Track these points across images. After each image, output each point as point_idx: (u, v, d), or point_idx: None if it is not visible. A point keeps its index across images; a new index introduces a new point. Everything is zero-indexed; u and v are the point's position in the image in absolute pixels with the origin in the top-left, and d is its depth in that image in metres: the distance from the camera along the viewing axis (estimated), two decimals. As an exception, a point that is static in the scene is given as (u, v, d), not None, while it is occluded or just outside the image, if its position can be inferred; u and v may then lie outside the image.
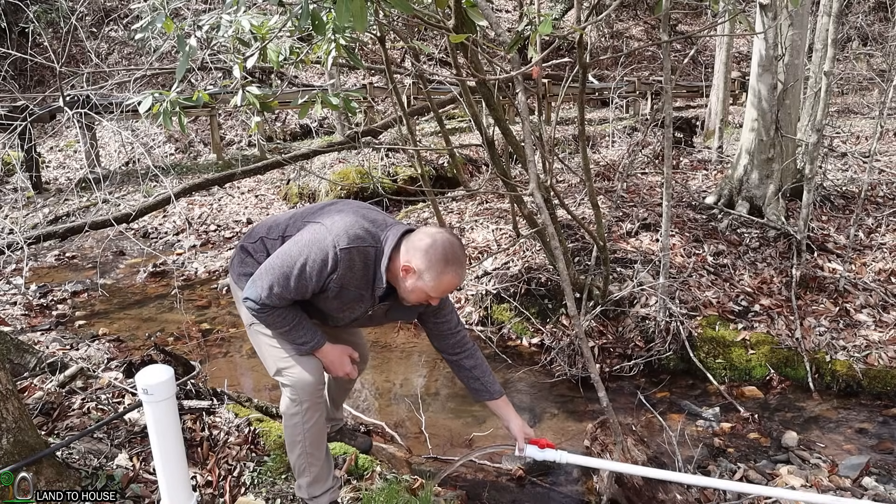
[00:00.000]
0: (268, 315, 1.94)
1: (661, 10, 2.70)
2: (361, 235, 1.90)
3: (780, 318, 4.21)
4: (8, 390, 1.97)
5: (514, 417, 2.22)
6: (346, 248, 1.86)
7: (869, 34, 13.84)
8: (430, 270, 1.86)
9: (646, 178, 7.23)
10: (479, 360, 2.22)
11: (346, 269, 1.88)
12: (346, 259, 1.86)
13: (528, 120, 2.34)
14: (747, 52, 12.91)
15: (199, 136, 11.57)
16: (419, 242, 1.88)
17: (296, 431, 2.12)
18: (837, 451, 3.20)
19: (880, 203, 6.04)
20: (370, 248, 1.91)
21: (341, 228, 1.89)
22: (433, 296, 1.92)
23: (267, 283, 1.89)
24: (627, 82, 12.50)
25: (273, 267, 1.90)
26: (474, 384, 2.23)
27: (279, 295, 1.90)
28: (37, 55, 10.80)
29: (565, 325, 4.36)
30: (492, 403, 2.24)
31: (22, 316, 4.79)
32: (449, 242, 1.89)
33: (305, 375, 2.07)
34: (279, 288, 1.89)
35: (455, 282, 1.90)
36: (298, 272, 1.88)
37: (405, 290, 1.94)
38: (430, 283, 1.88)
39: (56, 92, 6.62)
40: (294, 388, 2.07)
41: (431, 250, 1.86)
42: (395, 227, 1.96)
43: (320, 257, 1.86)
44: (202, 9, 11.70)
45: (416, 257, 1.88)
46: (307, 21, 2.15)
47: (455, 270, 1.88)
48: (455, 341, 2.18)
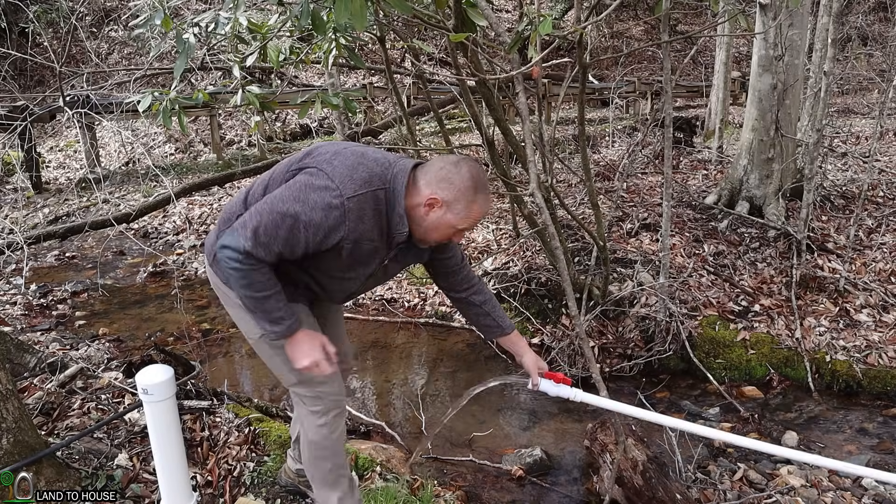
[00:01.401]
0: (248, 271, 1.59)
1: (661, 10, 2.70)
2: (368, 178, 1.62)
3: (780, 318, 4.21)
4: (8, 390, 1.97)
5: (528, 351, 2.07)
6: (355, 196, 1.58)
7: (869, 34, 13.83)
8: (459, 200, 1.65)
9: (646, 178, 7.23)
10: (488, 294, 2.05)
11: (357, 220, 1.60)
12: (356, 209, 1.59)
13: (528, 120, 2.34)
14: (747, 52, 12.92)
15: (199, 136, 11.57)
16: (442, 172, 1.66)
17: (324, 444, 1.92)
18: (837, 451, 3.20)
19: (880, 203, 6.04)
20: (379, 190, 1.64)
21: (345, 173, 1.61)
22: (461, 228, 1.71)
23: (251, 227, 1.57)
24: (627, 82, 12.50)
25: (261, 211, 1.59)
26: (485, 321, 2.05)
27: (265, 244, 1.57)
28: (37, 55, 10.80)
29: (565, 325, 4.36)
30: (504, 339, 2.09)
31: (22, 316, 4.79)
32: (475, 168, 1.69)
33: (330, 382, 1.88)
34: (266, 236, 1.57)
35: (485, 210, 1.72)
36: (292, 220, 1.57)
37: (427, 227, 1.69)
38: (459, 214, 1.66)
39: (56, 92, 6.62)
40: (318, 399, 1.88)
41: (458, 178, 1.65)
42: (401, 161, 1.71)
43: (321, 208, 1.57)
44: (202, 8, 11.70)
45: (441, 188, 1.65)
46: (307, 20, 2.15)
47: (485, 197, 1.70)
48: (462, 276, 2.00)
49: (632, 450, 2.61)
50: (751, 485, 2.92)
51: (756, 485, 2.92)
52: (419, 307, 5.06)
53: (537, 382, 2.04)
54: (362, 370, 4.22)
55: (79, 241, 6.80)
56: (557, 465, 3.09)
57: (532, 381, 2.04)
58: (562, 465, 3.10)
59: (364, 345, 4.51)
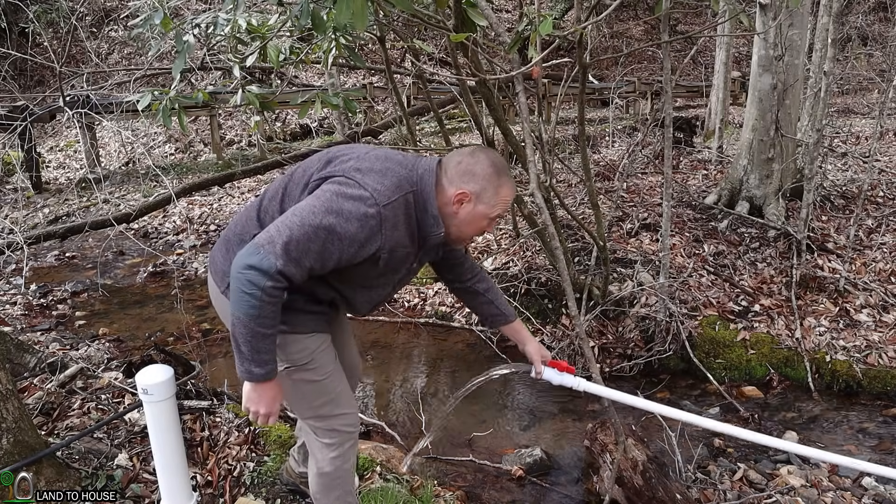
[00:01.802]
0: (267, 303, 1.45)
1: (661, 9, 2.70)
2: (398, 183, 1.56)
3: (780, 318, 4.21)
4: (8, 390, 1.97)
5: (531, 340, 2.07)
6: (390, 203, 1.52)
7: (869, 34, 13.83)
8: (487, 189, 1.62)
9: (646, 178, 7.23)
10: (490, 282, 2.03)
11: (392, 228, 1.54)
12: (392, 217, 1.53)
13: (528, 120, 2.34)
14: (747, 52, 12.92)
15: (199, 135, 11.58)
16: (461, 166, 1.63)
17: (336, 475, 1.86)
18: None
19: (880, 203, 6.04)
20: (409, 194, 1.58)
21: (376, 179, 1.54)
22: (494, 215, 1.67)
23: (281, 242, 1.44)
24: (627, 82, 12.50)
25: (290, 225, 1.46)
26: (489, 309, 2.03)
27: (297, 260, 1.46)
28: (37, 55, 10.80)
29: (565, 325, 4.36)
30: (507, 328, 2.07)
31: (22, 316, 4.79)
32: (492, 153, 1.67)
33: (349, 414, 1.85)
34: (298, 251, 1.45)
35: (513, 192, 1.69)
36: (326, 232, 1.47)
37: (460, 224, 1.66)
38: (490, 201, 1.63)
39: (56, 92, 6.62)
40: (332, 432, 1.82)
41: (479, 167, 1.62)
42: (422, 160, 1.66)
43: (357, 219, 1.48)
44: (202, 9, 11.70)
45: (466, 181, 1.61)
46: (307, 19, 2.15)
47: (509, 179, 1.67)
48: (466, 267, 1.98)
49: (632, 450, 2.61)
50: (751, 485, 2.92)
51: (756, 485, 2.92)
52: (419, 307, 5.06)
53: (540, 370, 2.03)
54: (362, 370, 4.21)
55: (79, 241, 6.80)
56: (557, 465, 3.09)
57: (535, 369, 2.04)
58: (562, 465, 3.10)
59: (364, 345, 4.51)
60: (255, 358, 1.52)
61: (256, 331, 1.48)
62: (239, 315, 1.47)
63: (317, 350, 1.74)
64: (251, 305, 1.45)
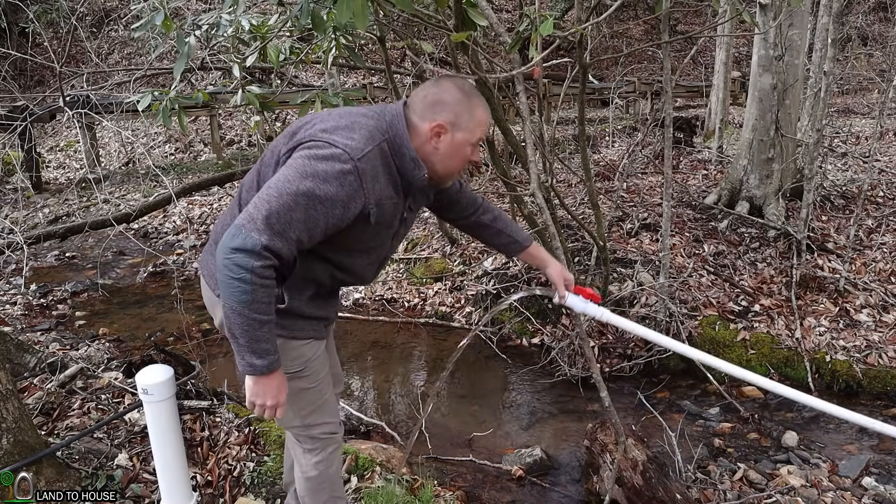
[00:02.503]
0: (257, 286, 1.36)
1: (661, 9, 2.70)
2: (369, 134, 1.49)
3: (780, 318, 4.21)
4: (8, 390, 1.97)
5: (552, 262, 1.95)
6: (364, 155, 1.45)
7: (869, 34, 13.84)
8: (461, 115, 1.54)
9: (646, 178, 7.23)
10: (496, 211, 1.93)
11: (373, 180, 1.47)
12: (370, 169, 1.46)
13: (528, 120, 2.34)
14: (747, 52, 12.93)
15: (199, 135, 11.57)
16: (427, 98, 1.55)
17: (321, 479, 1.83)
18: (837, 451, 3.20)
19: (880, 203, 6.04)
20: (383, 142, 1.51)
21: (345, 135, 1.46)
22: (475, 140, 1.59)
23: (261, 217, 1.37)
24: (627, 82, 12.50)
25: (267, 198, 1.39)
26: (502, 239, 1.94)
27: (282, 233, 1.37)
28: (37, 55, 10.80)
29: (565, 324, 4.36)
30: (525, 255, 1.97)
31: (22, 316, 4.79)
32: (454, 79, 1.60)
33: (332, 422, 1.81)
34: (281, 223, 1.37)
35: (487, 112, 1.62)
36: (306, 198, 1.39)
37: (443, 158, 1.57)
38: (468, 126, 1.55)
39: (56, 92, 6.62)
40: (314, 439, 1.79)
41: (446, 95, 1.55)
42: (387, 107, 1.59)
43: (335, 178, 1.41)
44: (202, 9, 11.70)
45: (437, 112, 1.54)
46: (307, 19, 2.15)
47: (481, 100, 1.59)
48: (466, 201, 1.88)
49: (632, 450, 2.61)
50: (751, 485, 2.92)
51: (756, 485, 2.92)
52: (419, 307, 5.06)
53: (564, 295, 1.92)
54: (362, 370, 4.21)
55: (79, 241, 6.80)
56: (557, 465, 3.09)
57: (559, 294, 1.92)
58: (562, 465, 3.10)
59: (364, 345, 4.51)
60: (254, 349, 1.44)
61: (252, 318, 1.39)
62: (231, 304, 1.38)
63: (312, 358, 1.70)
64: (242, 291, 1.36)
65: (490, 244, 2.00)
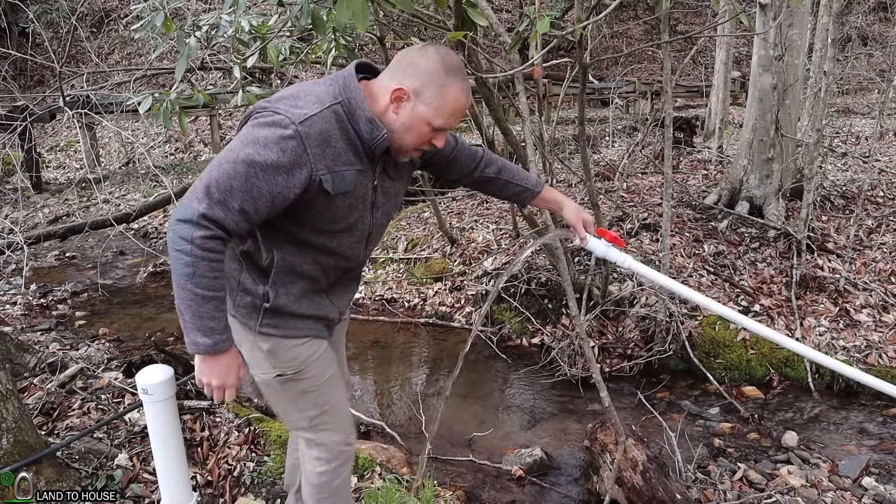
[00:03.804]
0: (198, 259, 1.31)
1: (661, 9, 2.70)
2: (317, 98, 1.41)
3: (780, 318, 4.21)
4: (8, 390, 1.97)
5: (567, 203, 1.82)
6: (307, 119, 1.36)
7: (869, 34, 13.84)
8: (428, 86, 1.40)
9: (646, 178, 7.23)
10: (499, 161, 1.81)
11: (320, 144, 1.38)
12: (316, 134, 1.37)
13: (528, 120, 2.34)
14: (747, 52, 12.93)
15: (199, 135, 11.58)
16: (405, 59, 1.43)
17: (326, 489, 1.77)
18: (837, 451, 3.20)
19: (880, 203, 6.04)
20: (335, 104, 1.41)
21: (289, 103, 1.40)
22: (438, 123, 1.44)
23: (202, 187, 1.33)
24: (627, 82, 12.51)
25: (209, 169, 1.36)
26: (512, 189, 1.82)
27: (222, 202, 1.32)
28: (37, 55, 10.81)
29: (565, 325, 4.36)
30: (538, 200, 1.85)
31: (22, 316, 4.79)
32: (444, 49, 1.44)
33: (342, 431, 1.74)
34: (221, 191, 1.32)
35: (462, 98, 1.44)
36: (245, 165, 1.33)
37: (399, 128, 1.44)
38: (432, 102, 1.41)
39: (56, 92, 6.62)
40: (326, 447, 1.72)
41: (423, 61, 1.41)
42: (342, 71, 1.48)
43: (274, 143, 1.34)
44: (202, 9, 11.71)
45: (406, 75, 1.41)
46: (307, 20, 2.15)
47: (460, 80, 1.43)
48: (466, 158, 1.75)
49: (632, 450, 2.61)
50: (751, 485, 2.92)
51: (756, 485, 2.92)
52: (419, 307, 5.06)
53: (585, 237, 1.79)
54: (362, 370, 4.22)
55: (79, 241, 6.80)
56: (557, 465, 3.09)
57: (579, 236, 1.80)
58: (562, 465, 3.10)
59: (364, 345, 4.51)
60: (198, 325, 1.37)
61: (195, 293, 1.33)
62: (176, 279, 1.34)
63: (309, 358, 1.63)
64: (184, 263, 1.31)
65: (501, 197, 1.89)
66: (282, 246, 1.51)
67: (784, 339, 1.81)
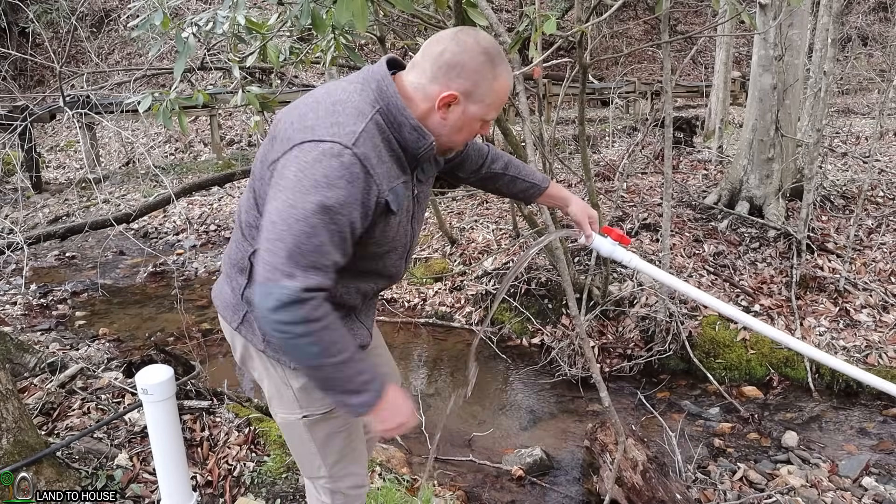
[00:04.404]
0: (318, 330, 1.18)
1: (661, 9, 2.70)
2: (356, 110, 1.24)
3: (780, 318, 4.21)
4: (8, 390, 1.97)
5: (573, 199, 1.75)
6: (358, 137, 1.21)
7: (869, 34, 13.84)
8: (479, 84, 1.27)
9: (646, 178, 7.23)
10: (505, 157, 1.74)
11: (377, 161, 1.24)
12: (370, 150, 1.22)
13: (528, 120, 2.34)
14: (747, 52, 12.93)
15: (199, 135, 11.58)
16: (445, 58, 1.26)
17: None
18: (837, 451, 3.20)
19: (880, 203, 6.04)
20: (375, 114, 1.25)
21: (328, 122, 1.22)
22: (491, 115, 1.33)
23: (282, 258, 1.16)
24: (627, 82, 12.51)
25: (279, 234, 1.17)
26: (519, 185, 1.74)
27: (315, 264, 1.17)
28: (37, 55, 10.81)
29: (565, 325, 4.36)
30: (545, 198, 1.78)
31: (22, 316, 4.79)
32: (479, 35, 1.30)
33: (362, 479, 1.63)
34: (308, 255, 1.17)
35: (509, 81, 1.32)
36: (321, 213, 1.17)
37: (450, 131, 1.33)
38: (485, 100, 1.29)
39: (56, 92, 6.62)
40: (342, 496, 1.60)
41: (467, 57, 1.25)
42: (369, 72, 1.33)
43: (339, 177, 1.17)
44: (202, 8, 11.70)
45: (452, 78, 1.26)
46: (307, 19, 2.15)
47: (505, 66, 1.31)
48: (475, 154, 1.68)
49: (632, 450, 2.61)
50: (751, 485, 2.92)
51: (756, 485, 2.92)
52: (419, 307, 5.06)
53: (590, 235, 1.73)
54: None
55: (79, 241, 6.80)
56: (557, 465, 3.09)
57: (585, 234, 1.73)
58: (562, 465, 3.10)
59: (364, 345, 4.50)
60: (353, 389, 1.24)
61: (335, 363, 1.21)
62: (306, 363, 1.22)
63: None
64: (307, 344, 1.18)
65: (508, 194, 1.80)
66: None
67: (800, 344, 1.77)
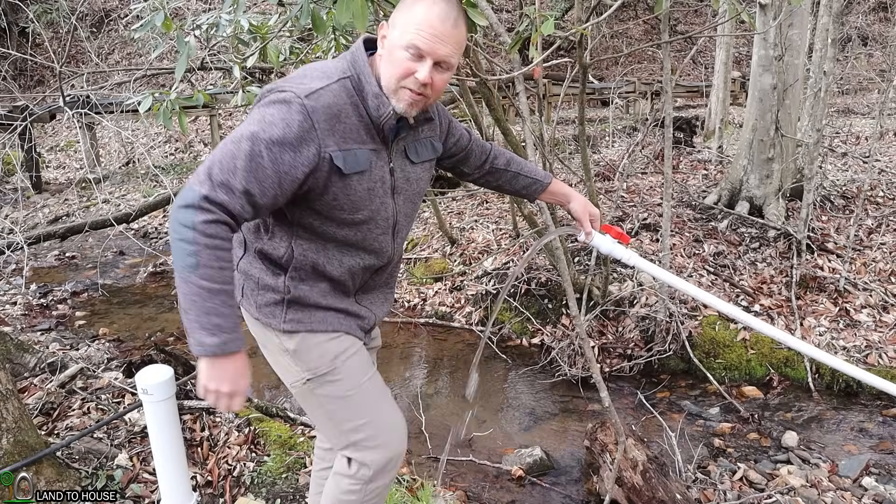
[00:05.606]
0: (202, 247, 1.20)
1: (661, 9, 2.70)
2: (324, 73, 1.35)
3: (780, 318, 4.21)
4: (8, 390, 1.97)
5: (574, 196, 1.78)
6: (314, 92, 1.30)
7: (869, 34, 13.84)
8: (400, 10, 1.34)
9: (646, 178, 7.23)
10: (507, 154, 1.79)
11: (329, 119, 1.31)
12: (323, 108, 1.30)
13: (528, 120, 2.34)
14: (747, 52, 12.93)
15: (199, 135, 11.58)
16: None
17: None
18: (837, 451, 3.20)
19: (880, 203, 6.04)
20: (344, 79, 1.35)
21: (295, 80, 1.34)
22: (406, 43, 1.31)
23: (204, 169, 1.26)
24: (627, 82, 12.50)
25: (214, 153, 1.29)
26: (521, 182, 1.78)
27: (224, 183, 1.23)
28: (37, 55, 10.81)
29: (565, 325, 4.36)
30: (547, 195, 1.81)
31: (22, 316, 4.79)
32: None
33: (388, 449, 1.52)
34: (223, 171, 1.24)
35: (433, 15, 1.30)
36: (249, 142, 1.25)
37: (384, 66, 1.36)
38: (403, 25, 1.31)
39: (56, 92, 6.62)
40: (369, 467, 1.51)
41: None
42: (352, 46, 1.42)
43: (280, 118, 1.27)
44: (202, 9, 11.71)
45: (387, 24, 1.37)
46: (307, 19, 2.15)
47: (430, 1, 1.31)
48: (478, 149, 1.73)
49: (632, 450, 2.61)
50: (751, 485, 2.92)
51: (756, 485, 2.92)
52: (419, 307, 5.06)
53: (590, 232, 1.75)
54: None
55: (79, 241, 6.80)
56: (557, 465, 3.09)
57: (584, 231, 1.76)
58: (562, 465, 3.10)
59: (364, 345, 4.50)
60: (204, 323, 1.21)
61: (200, 286, 1.20)
62: (179, 271, 1.22)
63: (342, 355, 1.48)
64: (187, 252, 1.20)
65: (510, 191, 1.84)
66: (302, 242, 1.43)
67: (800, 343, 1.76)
